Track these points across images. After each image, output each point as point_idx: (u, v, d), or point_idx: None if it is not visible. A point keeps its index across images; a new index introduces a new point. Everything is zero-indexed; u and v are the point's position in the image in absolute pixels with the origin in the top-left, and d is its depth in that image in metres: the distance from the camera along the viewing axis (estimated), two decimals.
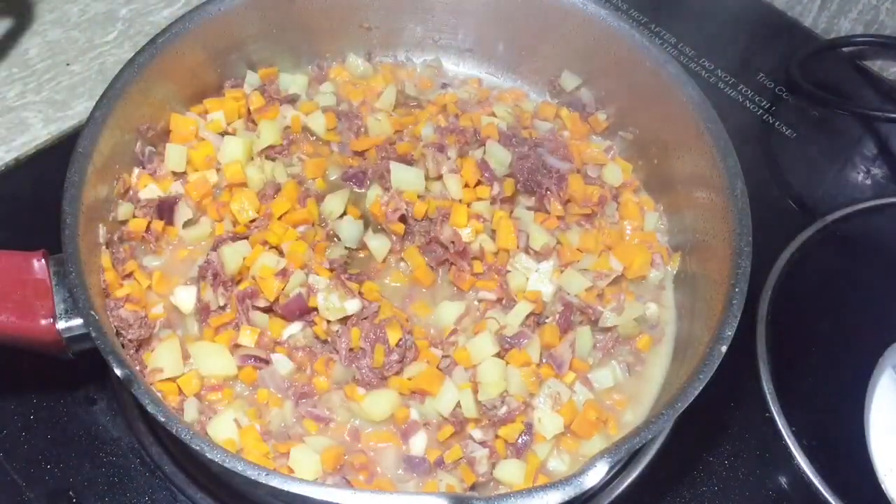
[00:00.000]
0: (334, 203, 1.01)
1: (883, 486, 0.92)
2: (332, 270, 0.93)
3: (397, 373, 0.89)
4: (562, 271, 0.98)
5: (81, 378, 0.96)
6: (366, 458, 0.85)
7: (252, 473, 0.69)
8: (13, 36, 1.32)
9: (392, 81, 1.18)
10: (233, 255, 0.92)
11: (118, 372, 0.75)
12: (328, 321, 0.90)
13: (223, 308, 0.91)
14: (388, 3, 1.18)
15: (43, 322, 0.79)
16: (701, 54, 1.40)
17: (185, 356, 0.88)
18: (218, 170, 1.02)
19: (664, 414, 0.76)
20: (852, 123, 1.32)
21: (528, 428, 0.87)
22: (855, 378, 1.01)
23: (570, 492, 0.70)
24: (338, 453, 0.84)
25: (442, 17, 1.20)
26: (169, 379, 0.86)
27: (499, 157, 1.04)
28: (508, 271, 0.97)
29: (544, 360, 0.93)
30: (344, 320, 0.90)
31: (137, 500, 0.89)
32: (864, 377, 1.00)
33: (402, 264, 1.00)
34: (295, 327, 0.91)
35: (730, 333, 0.82)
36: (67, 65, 1.29)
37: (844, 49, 1.44)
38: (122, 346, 0.86)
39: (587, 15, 1.11)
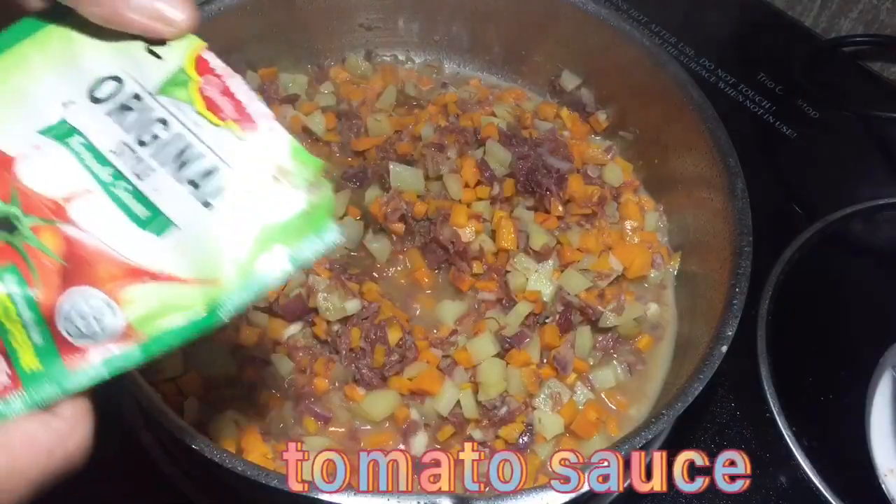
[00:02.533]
0: (335, 204, 1.01)
1: (883, 486, 0.92)
2: (331, 270, 0.93)
3: (397, 373, 0.88)
4: (562, 271, 0.98)
5: None
6: None
7: (252, 473, 0.69)
8: None
9: (392, 81, 1.18)
10: None
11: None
12: (328, 321, 0.90)
13: None
14: (387, 3, 1.18)
15: None
16: (701, 54, 1.40)
17: (185, 356, 0.88)
18: None
19: (664, 414, 0.76)
20: (852, 123, 1.32)
21: (529, 428, 0.87)
22: (855, 378, 1.01)
23: (570, 491, 0.70)
24: None
25: (442, 17, 1.20)
26: (169, 379, 0.86)
27: (499, 157, 1.04)
28: (508, 271, 0.97)
29: (544, 361, 0.93)
30: (344, 320, 0.90)
31: (137, 500, 0.89)
32: (865, 377, 1.00)
33: (402, 264, 1.00)
34: (295, 327, 0.91)
35: (730, 333, 0.82)
36: None
37: (845, 49, 1.43)
38: None
39: (587, 15, 1.11)
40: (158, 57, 0.49)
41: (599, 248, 1.01)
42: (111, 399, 0.95)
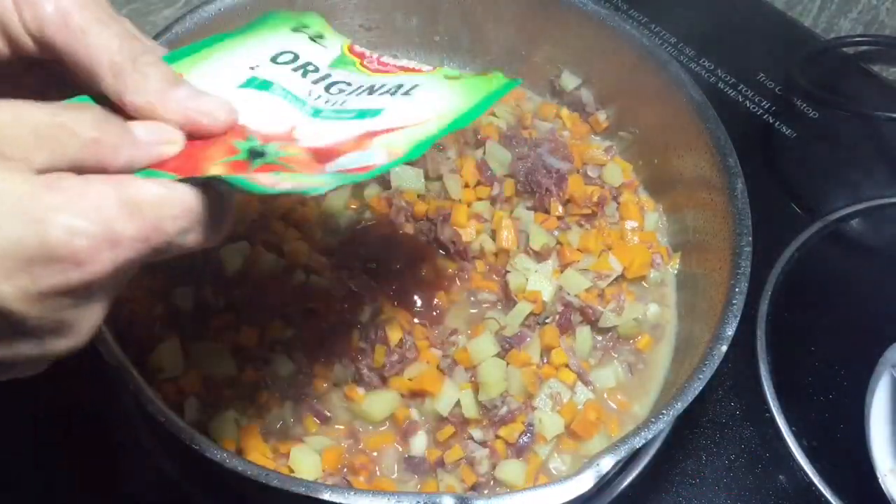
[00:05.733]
0: (334, 198, 1.01)
1: (883, 486, 0.92)
2: (332, 270, 0.93)
3: (397, 373, 0.89)
4: (562, 271, 0.98)
5: (79, 378, 0.95)
6: (366, 458, 0.85)
7: (252, 473, 0.69)
8: None
9: None
10: (233, 255, 0.92)
11: (118, 372, 0.75)
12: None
13: (223, 308, 0.91)
14: (387, 3, 1.18)
15: None
16: (701, 54, 1.40)
17: (185, 356, 0.88)
18: None
19: (664, 413, 0.76)
20: (852, 123, 1.32)
21: (529, 428, 0.87)
22: (855, 378, 1.01)
23: (570, 491, 0.70)
24: (338, 453, 0.84)
25: (442, 18, 1.20)
26: (169, 379, 0.86)
27: (499, 157, 1.04)
28: (508, 272, 0.97)
29: (544, 360, 0.93)
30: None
31: (137, 500, 0.89)
32: (865, 377, 1.00)
33: None
34: (295, 328, 0.91)
35: (730, 333, 0.82)
36: None
37: (844, 49, 1.44)
38: (122, 346, 0.86)
39: (587, 15, 1.11)
40: (322, 45, 0.63)
41: (599, 248, 1.01)
42: (112, 400, 0.95)
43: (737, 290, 0.86)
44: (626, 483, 0.93)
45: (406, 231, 1.00)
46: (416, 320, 0.94)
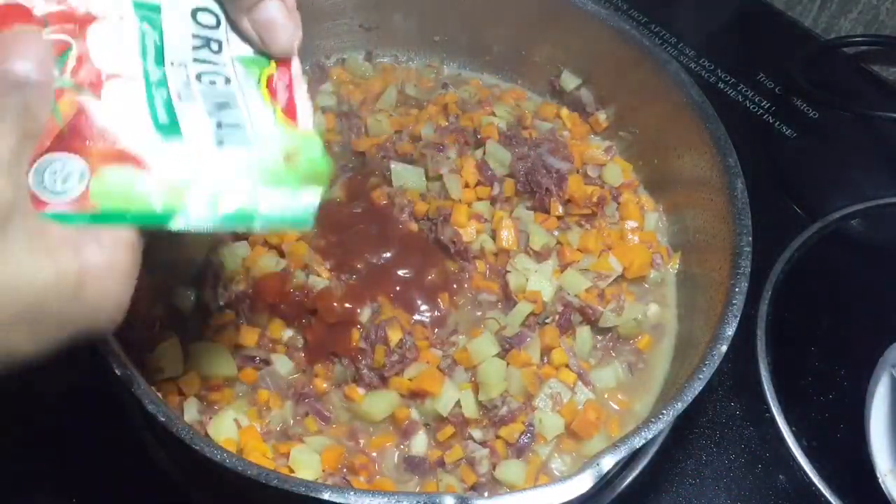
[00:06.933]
0: (334, 192, 1.01)
1: (883, 486, 0.92)
2: (331, 270, 0.93)
3: (398, 373, 0.88)
4: (562, 271, 0.98)
5: (80, 378, 0.95)
6: (366, 458, 0.85)
7: (252, 473, 0.69)
8: None
9: (392, 81, 1.18)
10: (233, 255, 0.92)
11: (118, 372, 0.75)
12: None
13: (223, 308, 0.91)
14: (387, 3, 1.18)
15: None
16: (701, 54, 1.40)
17: (186, 356, 0.88)
18: None
19: (664, 413, 0.76)
20: (852, 123, 1.32)
21: (529, 428, 0.87)
22: (855, 378, 1.01)
23: (570, 491, 0.70)
24: (338, 453, 0.84)
25: (442, 18, 1.20)
26: (169, 379, 0.86)
27: (499, 157, 1.04)
28: (508, 272, 0.97)
29: (544, 361, 0.93)
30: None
31: (137, 500, 0.89)
32: (865, 377, 1.00)
33: None
34: (295, 328, 0.91)
35: (730, 333, 0.82)
36: None
37: (844, 49, 1.44)
38: (123, 346, 0.86)
39: (587, 15, 1.11)
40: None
41: (599, 248, 1.01)
42: (112, 400, 0.95)
43: (737, 290, 0.86)
44: (626, 483, 0.93)
45: (410, 228, 1.00)
46: (415, 320, 0.94)
